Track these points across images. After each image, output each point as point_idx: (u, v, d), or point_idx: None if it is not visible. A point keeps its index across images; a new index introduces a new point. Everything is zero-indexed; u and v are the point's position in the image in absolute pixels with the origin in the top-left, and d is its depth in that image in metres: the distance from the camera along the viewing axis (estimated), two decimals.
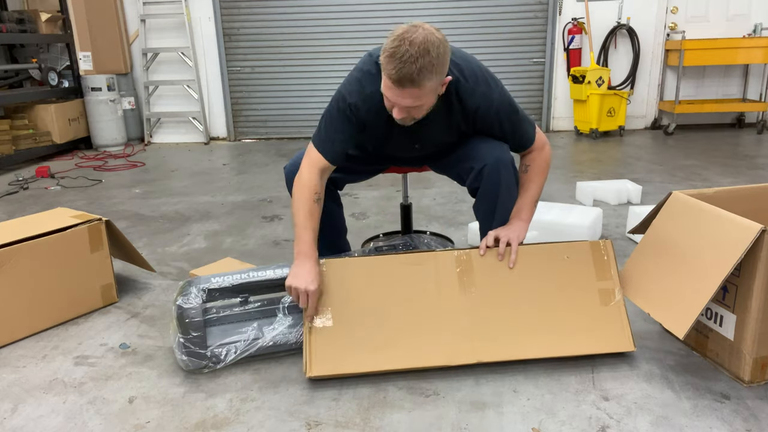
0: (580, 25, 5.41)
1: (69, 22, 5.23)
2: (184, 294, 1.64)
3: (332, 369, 1.54)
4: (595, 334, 1.60)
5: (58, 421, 1.45)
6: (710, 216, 1.52)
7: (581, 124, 5.39)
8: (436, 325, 1.59)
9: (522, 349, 1.59)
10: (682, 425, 1.36)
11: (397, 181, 3.86)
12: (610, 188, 3.17)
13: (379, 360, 1.56)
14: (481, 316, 1.61)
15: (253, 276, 1.71)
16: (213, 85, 5.77)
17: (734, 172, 3.85)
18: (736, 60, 5.18)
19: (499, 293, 1.63)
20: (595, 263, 1.67)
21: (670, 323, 1.49)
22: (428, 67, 1.40)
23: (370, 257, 1.66)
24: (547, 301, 1.63)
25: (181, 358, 1.61)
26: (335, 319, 1.58)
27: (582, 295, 1.64)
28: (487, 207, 1.76)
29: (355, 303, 1.61)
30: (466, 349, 1.57)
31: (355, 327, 1.58)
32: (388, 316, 1.60)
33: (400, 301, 1.61)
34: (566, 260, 1.66)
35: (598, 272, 1.66)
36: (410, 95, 1.45)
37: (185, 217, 3.22)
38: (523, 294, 1.63)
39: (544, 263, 1.66)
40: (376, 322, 1.59)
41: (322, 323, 1.58)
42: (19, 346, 1.83)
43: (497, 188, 1.71)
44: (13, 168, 4.61)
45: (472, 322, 1.60)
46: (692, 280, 1.49)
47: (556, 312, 1.62)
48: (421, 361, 1.57)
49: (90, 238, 2.01)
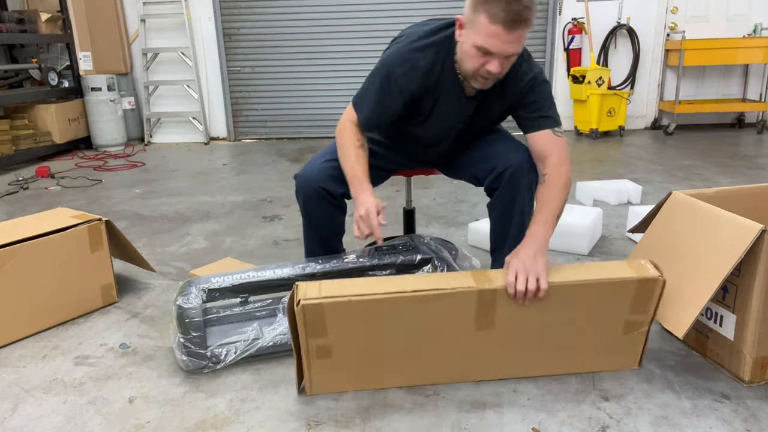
0: (580, 25, 5.41)
1: (69, 22, 5.23)
2: (184, 294, 1.64)
3: (331, 389, 1.51)
4: (603, 356, 1.55)
5: (58, 421, 1.45)
6: (710, 216, 1.52)
7: (581, 124, 5.39)
8: (446, 356, 1.51)
9: (523, 367, 1.54)
10: (682, 425, 1.36)
11: (397, 181, 3.86)
12: (610, 188, 3.17)
13: (380, 381, 1.52)
14: (494, 348, 1.50)
15: (253, 276, 1.71)
16: (213, 85, 5.77)
17: (734, 172, 3.85)
18: (736, 60, 5.18)
19: (518, 331, 1.48)
20: (636, 298, 1.46)
21: (670, 323, 1.49)
22: (534, 0, 1.34)
23: (375, 298, 1.39)
24: (565, 333, 1.50)
25: (181, 358, 1.61)
26: (335, 356, 1.47)
27: (605, 325, 1.51)
28: (503, 208, 1.72)
29: (357, 344, 1.46)
30: (470, 369, 1.53)
31: (357, 361, 1.49)
32: (394, 352, 1.49)
33: (407, 341, 1.47)
34: (598, 295, 1.46)
35: (635, 306, 1.48)
36: (518, 38, 1.36)
37: (185, 217, 3.22)
38: (543, 330, 1.49)
39: (576, 298, 1.46)
40: (379, 359, 1.49)
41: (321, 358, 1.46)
42: (19, 346, 1.83)
43: (517, 191, 1.68)
44: (13, 168, 4.61)
45: (483, 352, 1.51)
46: (692, 280, 1.49)
47: (569, 338, 1.52)
48: (423, 379, 1.53)
49: (90, 238, 2.01)
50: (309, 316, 1.38)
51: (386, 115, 1.65)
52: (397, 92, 1.59)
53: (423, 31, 1.57)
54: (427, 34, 1.56)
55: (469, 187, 3.57)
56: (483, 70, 1.45)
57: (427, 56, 1.54)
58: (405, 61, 1.56)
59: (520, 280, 1.37)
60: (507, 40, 1.36)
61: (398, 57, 1.57)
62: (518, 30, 1.35)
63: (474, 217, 3.02)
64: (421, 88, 1.59)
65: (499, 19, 1.32)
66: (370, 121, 1.66)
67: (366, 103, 1.63)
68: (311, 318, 1.38)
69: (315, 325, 1.39)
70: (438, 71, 1.55)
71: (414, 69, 1.56)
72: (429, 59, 1.54)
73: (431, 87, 1.59)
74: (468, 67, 1.48)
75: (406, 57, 1.56)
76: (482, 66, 1.44)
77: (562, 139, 1.60)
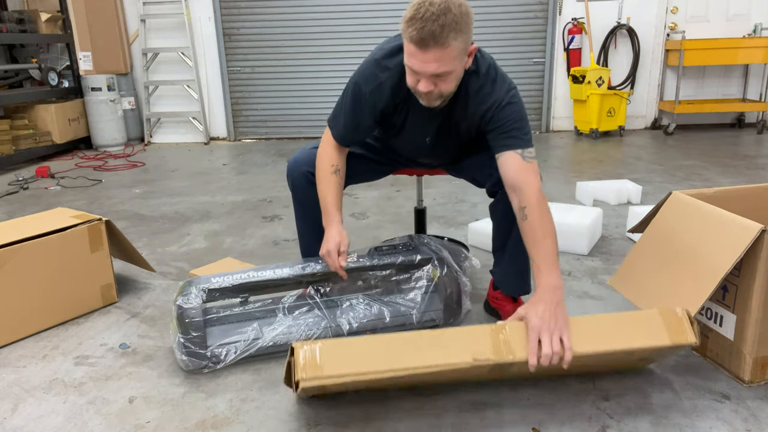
0: (580, 25, 5.41)
1: (69, 22, 5.23)
2: (184, 294, 1.64)
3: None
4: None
5: (58, 421, 1.45)
6: (710, 216, 1.52)
7: (581, 124, 5.39)
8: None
9: None
10: (682, 425, 1.36)
11: (397, 181, 3.86)
12: (610, 188, 3.17)
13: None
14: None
15: (253, 276, 1.71)
16: (213, 85, 5.77)
17: (734, 172, 3.85)
18: (736, 60, 5.18)
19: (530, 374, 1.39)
20: (668, 328, 1.35)
21: None
22: (451, 24, 1.33)
23: (375, 337, 1.30)
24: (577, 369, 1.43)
25: (181, 358, 1.61)
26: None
27: (622, 362, 1.44)
28: (505, 209, 1.69)
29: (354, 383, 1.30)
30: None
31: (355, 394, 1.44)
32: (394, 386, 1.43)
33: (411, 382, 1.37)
34: (624, 356, 1.37)
35: (671, 335, 1.35)
36: (435, 58, 1.37)
37: (185, 217, 3.22)
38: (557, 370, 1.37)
39: (600, 360, 1.37)
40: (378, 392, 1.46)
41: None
42: (19, 346, 1.83)
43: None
44: (13, 168, 4.61)
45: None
46: (690, 279, 1.49)
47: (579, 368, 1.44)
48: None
49: (90, 238, 2.01)
50: (309, 390, 1.32)
51: (360, 132, 1.70)
52: (367, 109, 1.63)
53: (387, 49, 1.59)
54: (390, 53, 1.58)
55: (469, 187, 3.57)
56: (416, 88, 1.47)
57: (393, 75, 1.57)
58: (371, 80, 1.59)
59: (545, 346, 1.27)
60: (424, 60, 1.38)
61: (365, 76, 1.61)
62: (432, 50, 1.36)
63: (474, 217, 3.02)
64: (390, 105, 1.63)
65: (413, 39, 1.36)
66: (344, 139, 1.71)
67: (340, 121, 1.69)
68: (311, 390, 1.32)
69: (314, 390, 1.34)
70: (404, 88, 1.57)
71: (380, 87, 1.59)
72: (394, 78, 1.57)
73: (400, 103, 1.62)
74: (409, 85, 1.50)
75: (372, 76, 1.59)
76: (416, 84, 1.46)
77: (531, 164, 1.51)
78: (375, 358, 1.26)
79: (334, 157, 1.69)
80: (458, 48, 1.38)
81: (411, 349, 1.27)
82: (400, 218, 3.07)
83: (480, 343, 1.28)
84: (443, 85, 1.44)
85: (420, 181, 2.34)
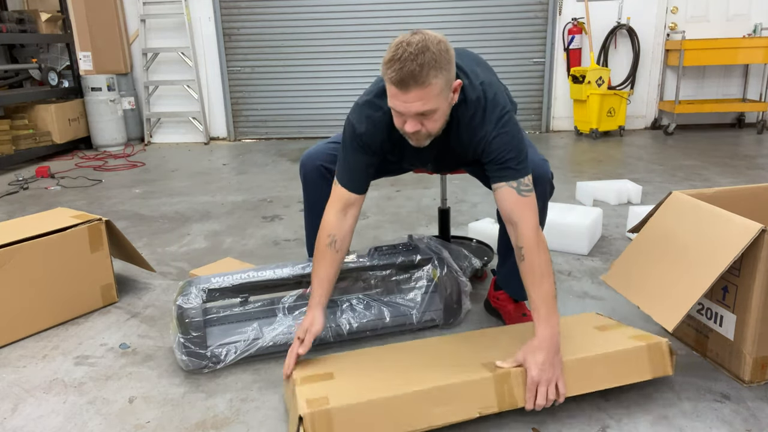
0: (580, 25, 5.41)
1: (69, 22, 5.23)
2: (184, 294, 1.64)
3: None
4: None
5: (58, 421, 1.45)
6: (709, 215, 1.52)
7: (581, 124, 5.39)
8: None
9: None
10: (682, 425, 1.36)
11: (397, 181, 3.86)
12: (610, 188, 3.17)
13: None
14: None
15: (253, 276, 1.71)
16: (213, 85, 5.77)
17: (734, 172, 3.85)
18: (736, 60, 5.18)
19: None
20: (651, 362, 1.45)
21: (660, 316, 1.49)
22: (430, 63, 1.33)
23: (385, 396, 1.29)
24: None
25: (181, 358, 1.61)
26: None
27: None
28: None
29: None
30: None
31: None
32: None
33: None
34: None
35: (653, 369, 1.45)
36: (417, 97, 1.36)
37: (185, 217, 3.22)
38: None
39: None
40: None
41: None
42: (19, 346, 1.83)
43: None
44: (13, 168, 4.61)
45: None
46: (687, 276, 1.49)
47: None
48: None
49: (90, 238, 2.01)
50: None
51: (366, 172, 1.63)
52: (368, 149, 1.60)
53: (376, 90, 1.58)
54: (380, 93, 1.56)
55: (469, 187, 3.58)
56: (404, 129, 1.45)
57: (386, 113, 1.53)
58: (363, 121, 1.57)
59: (540, 397, 1.35)
60: (405, 100, 1.37)
61: (359, 117, 1.58)
62: (413, 90, 1.35)
63: (474, 217, 3.02)
64: (387, 140, 1.59)
65: (394, 81, 1.35)
66: (353, 183, 1.62)
67: (343, 167, 1.63)
68: None
69: None
70: (388, 120, 1.54)
71: (376, 126, 1.56)
72: (387, 116, 1.53)
73: (397, 140, 1.58)
74: (397, 126, 1.48)
75: (365, 117, 1.57)
76: (402, 125, 1.44)
77: (527, 199, 1.46)
78: (385, 422, 1.28)
79: (334, 225, 1.60)
80: (440, 85, 1.36)
81: (419, 409, 1.30)
82: (400, 218, 3.07)
83: (485, 396, 1.34)
84: (429, 124, 1.43)
85: (444, 180, 2.28)
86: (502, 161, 1.48)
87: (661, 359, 1.45)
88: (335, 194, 1.62)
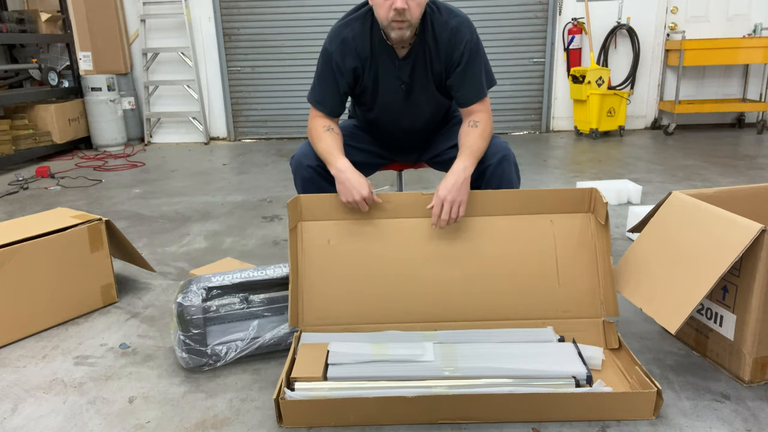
0: (580, 25, 5.41)
1: (69, 22, 5.23)
2: (184, 292, 1.64)
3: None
4: None
5: (58, 421, 1.45)
6: (710, 215, 1.52)
7: (581, 124, 5.39)
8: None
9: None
10: (682, 425, 1.36)
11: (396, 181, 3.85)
12: (610, 188, 3.17)
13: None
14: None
15: (254, 275, 1.71)
16: (213, 85, 5.77)
17: (734, 172, 3.85)
18: (736, 60, 5.18)
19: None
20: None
21: (663, 318, 1.49)
22: None
23: None
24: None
25: (181, 356, 1.61)
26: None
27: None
28: None
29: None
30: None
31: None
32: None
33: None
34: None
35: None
36: None
37: (185, 217, 3.22)
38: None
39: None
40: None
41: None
42: (19, 346, 1.83)
43: (500, 185, 1.75)
44: (13, 168, 4.61)
45: None
46: (688, 277, 1.49)
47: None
48: None
49: (90, 238, 2.01)
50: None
51: (336, 94, 1.79)
52: (338, 69, 1.75)
53: (347, 13, 1.75)
54: (351, 12, 1.74)
55: None
56: (392, 13, 1.58)
57: (354, 28, 1.71)
58: (335, 38, 1.73)
59: (444, 211, 1.60)
60: None
61: (330, 38, 1.75)
62: None
63: None
64: (357, 60, 1.74)
65: None
66: (326, 104, 1.79)
67: (316, 89, 1.81)
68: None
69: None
70: (368, 41, 1.71)
71: (344, 43, 1.72)
72: (356, 30, 1.71)
73: (367, 59, 1.74)
74: (381, 16, 1.63)
75: (335, 34, 1.74)
76: (390, 9, 1.58)
77: (485, 97, 1.78)
78: None
79: (325, 121, 1.78)
80: None
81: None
82: None
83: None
84: (413, 5, 1.58)
85: (400, 176, 2.46)
86: (475, 80, 1.73)
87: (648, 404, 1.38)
88: (313, 113, 1.81)
